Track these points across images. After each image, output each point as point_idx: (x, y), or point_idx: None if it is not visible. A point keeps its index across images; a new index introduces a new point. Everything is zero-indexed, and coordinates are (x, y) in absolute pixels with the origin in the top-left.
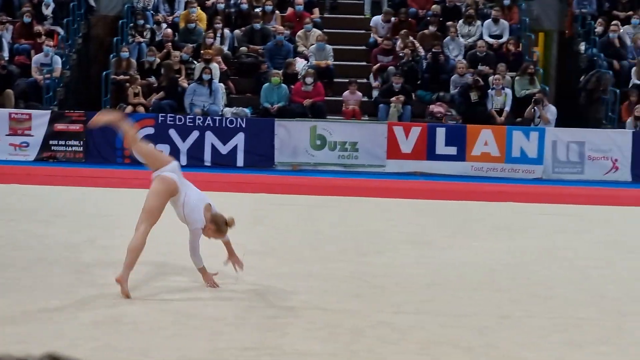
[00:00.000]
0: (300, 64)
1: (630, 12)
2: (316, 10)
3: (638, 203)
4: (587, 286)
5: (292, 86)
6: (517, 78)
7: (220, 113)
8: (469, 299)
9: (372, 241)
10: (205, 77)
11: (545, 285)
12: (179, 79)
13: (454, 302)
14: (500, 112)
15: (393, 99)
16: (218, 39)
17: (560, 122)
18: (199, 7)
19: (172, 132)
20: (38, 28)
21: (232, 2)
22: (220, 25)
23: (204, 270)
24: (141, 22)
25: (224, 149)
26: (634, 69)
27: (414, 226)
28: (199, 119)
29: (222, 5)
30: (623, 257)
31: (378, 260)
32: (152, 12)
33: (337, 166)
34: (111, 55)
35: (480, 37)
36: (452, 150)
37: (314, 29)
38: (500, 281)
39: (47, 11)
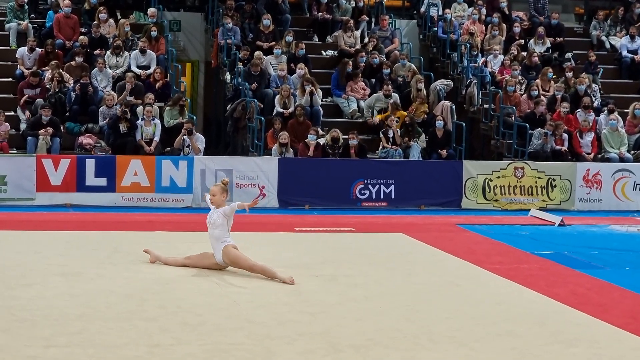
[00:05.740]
0: None
1: (273, 43)
2: None
3: (284, 229)
4: (236, 312)
5: None
6: (167, 108)
7: None
8: (119, 329)
9: (21, 274)
10: None
11: (195, 313)
12: None
13: (104, 333)
14: (149, 142)
15: (41, 131)
16: None
17: (208, 151)
18: None
19: None
20: None
21: None
22: None
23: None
24: None
25: None
26: (277, 97)
27: (64, 258)
28: None
29: None
30: (269, 282)
31: (26, 294)
32: None
33: None
34: None
35: (129, 68)
36: (102, 182)
37: None
38: (150, 310)
39: None
